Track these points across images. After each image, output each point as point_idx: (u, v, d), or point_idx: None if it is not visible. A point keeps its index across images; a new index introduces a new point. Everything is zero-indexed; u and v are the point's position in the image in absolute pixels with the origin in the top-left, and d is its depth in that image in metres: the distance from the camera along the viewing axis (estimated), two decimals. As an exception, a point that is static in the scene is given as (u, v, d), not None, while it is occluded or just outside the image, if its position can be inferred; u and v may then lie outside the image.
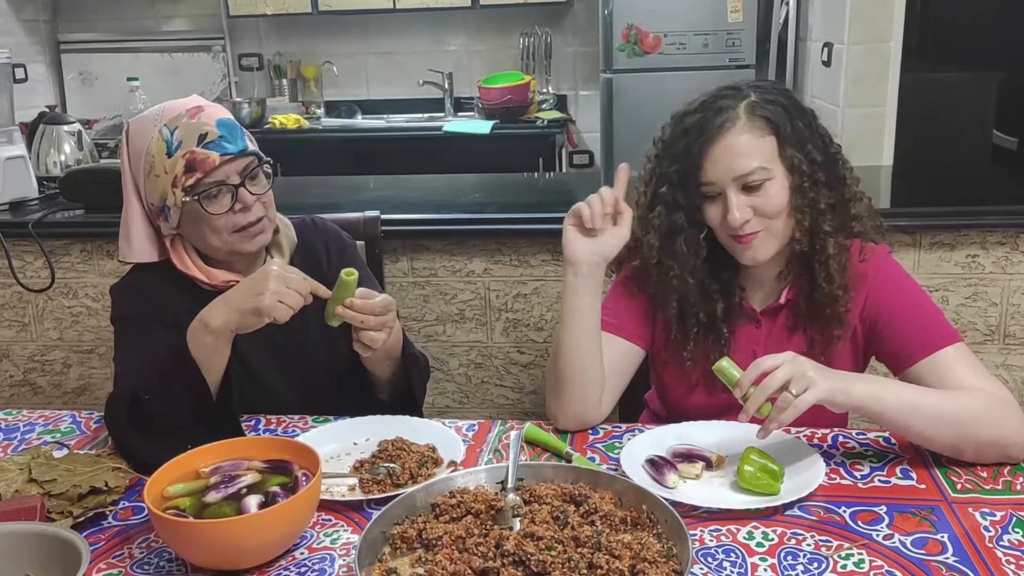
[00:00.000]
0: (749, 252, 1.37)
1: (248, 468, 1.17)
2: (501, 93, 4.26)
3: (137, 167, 1.42)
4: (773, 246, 1.37)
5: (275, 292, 1.28)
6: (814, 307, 1.41)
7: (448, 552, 1.03)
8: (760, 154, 1.32)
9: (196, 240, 1.45)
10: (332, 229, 1.65)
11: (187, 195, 1.38)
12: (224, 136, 1.38)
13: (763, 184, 1.32)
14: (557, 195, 2.84)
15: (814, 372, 1.19)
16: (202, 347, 1.31)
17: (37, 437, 1.47)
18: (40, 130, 2.58)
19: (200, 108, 1.41)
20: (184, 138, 1.37)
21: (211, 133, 1.37)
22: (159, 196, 1.40)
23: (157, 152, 1.38)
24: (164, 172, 1.38)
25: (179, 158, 1.37)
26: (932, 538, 1.09)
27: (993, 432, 1.24)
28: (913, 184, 2.62)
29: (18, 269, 2.29)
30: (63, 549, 1.00)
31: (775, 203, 1.33)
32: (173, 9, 4.75)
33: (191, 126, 1.38)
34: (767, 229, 1.35)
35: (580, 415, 1.41)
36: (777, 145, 1.33)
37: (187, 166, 1.37)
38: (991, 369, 2.09)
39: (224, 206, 1.39)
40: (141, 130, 1.41)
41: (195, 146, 1.37)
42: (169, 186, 1.38)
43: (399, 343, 1.51)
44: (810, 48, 3.76)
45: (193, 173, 1.37)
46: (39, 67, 4.63)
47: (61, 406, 2.45)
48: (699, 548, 1.08)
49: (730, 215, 1.33)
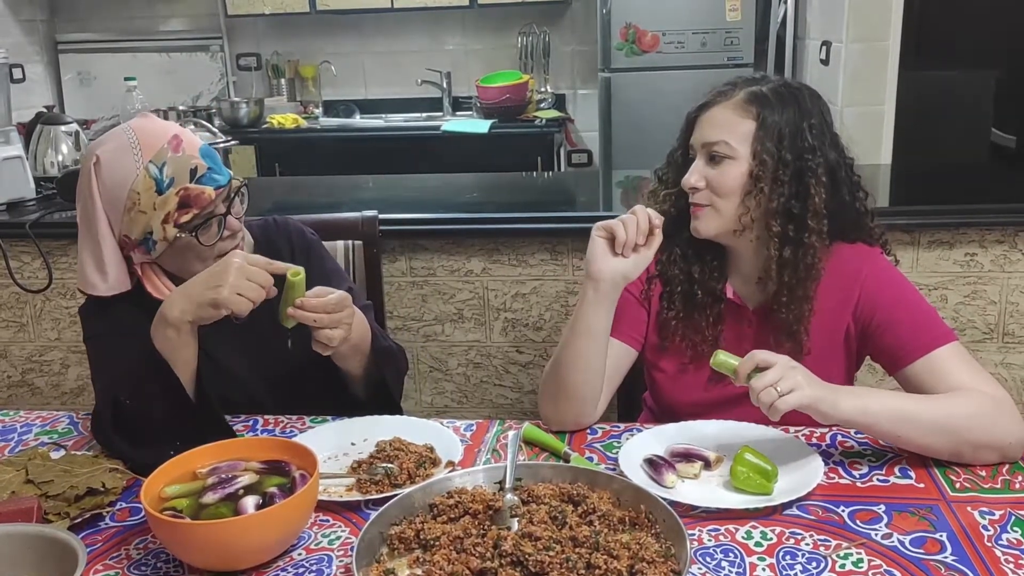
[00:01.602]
0: (695, 222, 1.42)
1: (245, 469, 1.17)
2: (499, 92, 4.27)
3: (114, 201, 1.37)
4: (716, 224, 1.40)
5: (233, 285, 1.26)
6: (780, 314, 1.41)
7: (446, 552, 1.02)
8: (733, 132, 1.36)
9: (175, 267, 1.44)
10: (295, 227, 1.63)
11: (180, 231, 1.37)
12: (212, 168, 1.38)
13: (723, 160, 1.37)
14: (556, 194, 2.84)
15: (803, 378, 1.20)
16: (166, 342, 1.30)
17: (34, 438, 1.47)
18: (37, 130, 2.58)
19: (179, 139, 1.38)
20: (176, 175, 1.35)
21: (200, 167, 1.36)
22: (141, 230, 1.37)
23: (144, 189, 1.35)
24: (152, 208, 1.35)
25: (172, 195, 1.35)
26: (931, 537, 1.09)
27: (989, 434, 1.24)
28: (911, 182, 2.62)
29: (15, 270, 2.29)
30: (60, 550, 1.00)
31: (727, 182, 1.37)
32: (171, 9, 4.75)
33: (179, 161, 1.36)
34: (713, 205, 1.39)
35: (575, 420, 1.42)
36: (754, 131, 1.36)
37: (181, 202, 1.35)
38: (990, 368, 2.09)
39: (214, 236, 1.39)
40: (117, 164, 1.36)
41: (189, 182, 1.36)
42: (159, 222, 1.36)
43: (366, 337, 1.49)
44: (808, 46, 3.76)
45: (189, 209, 1.35)
46: (36, 67, 4.63)
47: (59, 406, 2.44)
48: (697, 548, 1.08)
49: (687, 176, 1.40)
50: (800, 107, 1.37)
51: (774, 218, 1.36)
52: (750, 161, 1.36)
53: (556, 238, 2.18)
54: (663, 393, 1.54)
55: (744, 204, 1.37)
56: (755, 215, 1.37)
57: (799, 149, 1.36)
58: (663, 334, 1.50)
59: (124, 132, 1.39)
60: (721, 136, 1.37)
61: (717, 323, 1.46)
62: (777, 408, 1.18)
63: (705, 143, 1.38)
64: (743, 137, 1.36)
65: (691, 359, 1.48)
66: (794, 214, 1.36)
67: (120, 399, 1.31)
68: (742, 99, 1.38)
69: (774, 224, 1.36)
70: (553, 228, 2.18)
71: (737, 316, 1.47)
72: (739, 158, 1.36)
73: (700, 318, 1.46)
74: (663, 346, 1.51)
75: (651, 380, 1.58)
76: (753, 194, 1.36)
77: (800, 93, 1.39)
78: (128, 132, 1.38)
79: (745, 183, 1.36)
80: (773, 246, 1.37)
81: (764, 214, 1.37)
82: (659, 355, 1.52)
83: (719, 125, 1.38)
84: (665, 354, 1.51)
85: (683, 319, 1.47)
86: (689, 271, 1.47)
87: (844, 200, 1.40)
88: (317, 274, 1.49)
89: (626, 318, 1.50)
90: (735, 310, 1.47)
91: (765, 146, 1.35)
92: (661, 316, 1.50)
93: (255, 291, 1.28)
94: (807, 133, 1.36)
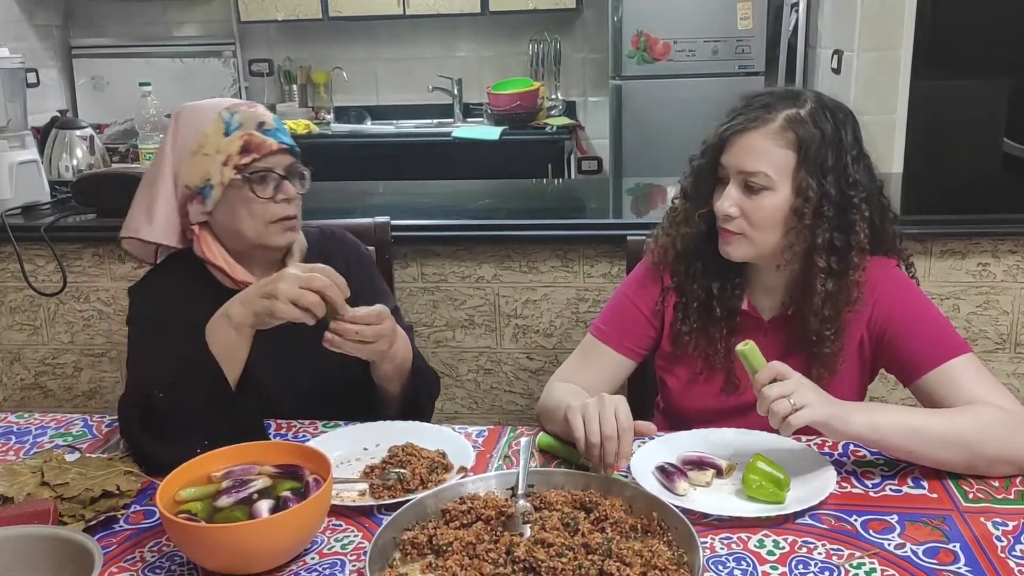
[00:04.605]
0: (726, 247, 1.39)
1: (259, 473, 1.17)
2: (510, 99, 4.27)
3: (183, 147, 1.44)
4: (748, 252, 1.38)
5: (286, 293, 1.27)
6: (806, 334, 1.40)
7: (458, 558, 1.03)
8: (772, 163, 1.32)
9: (226, 227, 1.46)
10: (351, 241, 1.66)
11: (237, 173, 1.41)
12: (279, 129, 1.47)
13: (761, 191, 1.33)
14: (566, 201, 2.84)
15: (815, 395, 1.19)
16: (224, 341, 1.32)
17: (49, 440, 1.48)
18: (52, 135, 2.60)
19: (257, 106, 1.48)
20: (244, 122, 1.43)
21: (268, 122, 1.45)
22: (201, 176, 1.42)
23: (213, 131, 1.43)
24: (215, 151, 1.42)
25: (236, 138, 1.42)
26: (944, 548, 1.09)
27: (1003, 448, 1.23)
28: (923, 192, 2.61)
29: (30, 273, 2.31)
30: (76, 552, 1.00)
31: (764, 215, 1.33)
32: (184, 15, 4.78)
33: (250, 113, 1.45)
34: (747, 235, 1.35)
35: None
36: (795, 163, 1.32)
37: (244, 147, 1.42)
38: (1001, 378, 2.09)
39: (268, 192, 1.43)
40: (196, 111, 1.46)
41: (254, 130, 1.43)
42: (219, 164, 1.41)
43: (408, 357, 1.50)
44: (820, 55, 3.75)
45: (249, 154, 1.42)
46: (51, 72, 4.66)
47: (71, 409, 2.45)
48: (709, 556, 1.08)
49: (720, 202, 1.36)
50: (840, 134, 1.33)
51: (819, 254, 1.33)
52: (791, 195, 1.33)
53: (567, 245, 2.18)
54: (674, 400, 1.54)
55: (786, 238, 1.35)
56: (797, 250, 1.35)
57: (843, 185, 1.33)
58: (676, 343, 1.50)
59: (212, 99, 1.49)
60: (759, 167, 1.32)
61: (731, 335, 1.45)
62: (790, 424, 1.17)
63: (741, 171, 1.33)
64: (783, 169, 1.32)
65: (703, 369, 1.48)
66: (837, 247, 1.34)
67: (154, 393, 1.31)
68: (781, 126, 1.32)
69: (820, 260, 1.33)
70: (564, 235, 2.19)
71: (752, 326, 1.47)
72: (778, 190, 1.32)
73: (715, 331, 1.46)
74: (675, 354, 1.50)
75: (663, 386, 1.58)
76: (797, 229, 1.33)
77: (837, 116, 1.35)
78: (216, 99, 1.49)
79: (786, 217, 1.33)
80: (819, 281, 1.34)
81: (808, 249, 1.34)
82: (671, 363, 1.52)
83: (757, 154, 1.32)
84: (677, 363, 1.51)
85: (697, 331, 1.46)
86: (709, 287, 1.45)
87: (875, 224, 1.39)
88: (367, 290, 1.52)
89: (627, 331, 1.51)
90: (750, 321, 1.47)
91: (808, 181, 1.31)
92: (675, 327, 1.49)
93: (310, 298, 1.27)
94: (850, 168, 1.33)
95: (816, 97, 1.37)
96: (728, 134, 1.35)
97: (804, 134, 1.31)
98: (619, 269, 2.13)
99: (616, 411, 1.23)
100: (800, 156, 1.32)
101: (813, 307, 1.36)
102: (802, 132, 1.32)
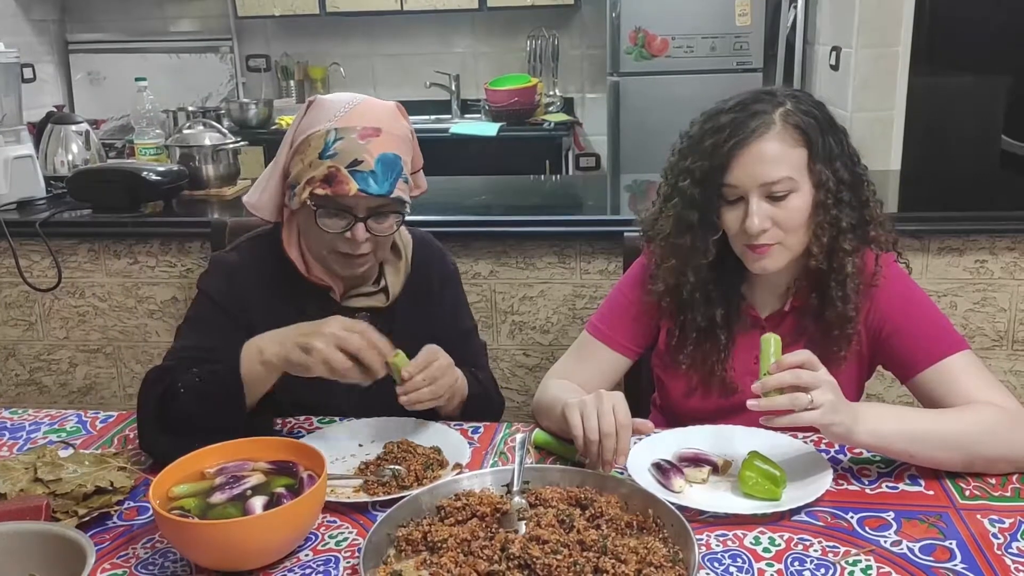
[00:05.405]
0: (760, 262, 1.34)
1: (253, 469, 1.17)
2: (508, 95, 4.27)
3: (299, 136, 1.41)
4: (785, 259, 1.35)
5: (320, 353, 1.24)
6: (823, 326, 1.39)
7: (453, 555, 1.02)
8: (789, 164, 1.29)
9: (303, 230, 1.46)
10: (442, 253, 1.65)
11: (311, 200, 1.37)
12: (376, 173, 1.35)
13: (787, 195, 1.30)
14: (563, 198, 2.84)
15: (832, 397, 1.15)
16: (251, 371, 1.30)
17: (43, 436, 1.47)
18: (48, 130, 2.59)
19: (376, 132, 1.37)
20: (340, 152, 1.35)
21: (366, 164, 1.35)
22: (293, 176, 1.41)
23: (314, 145, 1.37)
24: (308, 166, 1.38)
25: (325, 166, 1.35)
26: (940, 545, 1.08)
27: (1002, 448, 1.23)
28: (921, 189, 2.61)
29: (25, 268, 2.30)
30: (68, 549, 1.00)
31: (796, 216, 1.31)
32: (181, 10, 4.77)
33: (353, 145, 1.35)
34: (782, 243, 1.32)
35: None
36: (808, 158, 1.30)
37: (326, 177, 1.35)
38: (999, 375, 2.09)
39: (336, 228, 1.39)
40: (321, 110, 1.40)
41: (344, 166, 1.35)
42: (305, 179, 1.37)
43: (463, 391, 1.47)
44: (818, 52, 3.75)
45: (329, 186, 1.35)
46: (47, 67, 4.64)
47: (66, 405, 2.45)
48: (705, 553, 1.08)
49: (749, 221, 1.29)
50: (825, 116, 1.34)
51: (845, 236, 1.32)
52: (812, 190, 1.31)
53: (564, 241, 2.18)
54: (671, 398, 1.54)
55: (814, 233, 1.32)
56: (825, 240, 1.32)
57: (849, 164, 1.33)
58: (672, 343, 1.49)
59: (351, 96, 1.43)
60: (780, 173, 1.28)
61: (730, 340, 1.45)
62: (799, 418, 1.13)
63: (763, 183, 1.29)
64: (800, 166, 1.30)
65: (700, 368, 1.47)
66: (856, 225, 1.33)
67: (177, 387, 1.31)
68: (781, 126, 1.30)
69: (846, 243, 1.32)
70: (561, 232, 2.18)
71: (750, 325, 1.46)
72: (801, 189, 1.30)
73: (714, 333, 1.44)
74: (672, 351, 1.50)
75: (660, 384, 1.58)
76: (823, 221, 1.31)
77: (812, 99, 1.36)
78: (352, 99, 1.42)
79: (812, 213, 1.31)
80: (849, 263, 1.33)
81: (834, 236, 1.32)
82: (668, 361, 1.51)
83: (774, 160, 1.28)
84: (674, 361, 1.50)
85: (696, 339, 1.45)
86: (712, 315, 1.42)
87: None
88: (448, 303, 1.61)
89: (624, 329, 1.50)
90: (748, 320, 1.46)
91: (824, 173, 1.30)
92: (672, 331, 1.47)
93: (342, 365, 1.24)
94: (845, 144, 1.34)
95: (784, 90, 1.36)
96: (732, 150, 1.29)
97: (805, 126, 1.30)
98: (616, 266, 2.13)
99: (614, 408, 1.22)
100: (810, 149, 1.31)
101: (837, 292, 1.35)
102: (803, 125, 1.30)
